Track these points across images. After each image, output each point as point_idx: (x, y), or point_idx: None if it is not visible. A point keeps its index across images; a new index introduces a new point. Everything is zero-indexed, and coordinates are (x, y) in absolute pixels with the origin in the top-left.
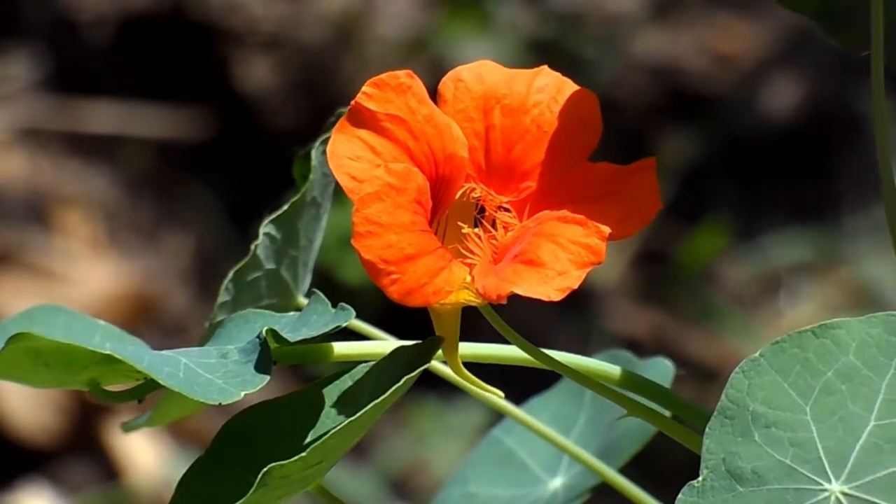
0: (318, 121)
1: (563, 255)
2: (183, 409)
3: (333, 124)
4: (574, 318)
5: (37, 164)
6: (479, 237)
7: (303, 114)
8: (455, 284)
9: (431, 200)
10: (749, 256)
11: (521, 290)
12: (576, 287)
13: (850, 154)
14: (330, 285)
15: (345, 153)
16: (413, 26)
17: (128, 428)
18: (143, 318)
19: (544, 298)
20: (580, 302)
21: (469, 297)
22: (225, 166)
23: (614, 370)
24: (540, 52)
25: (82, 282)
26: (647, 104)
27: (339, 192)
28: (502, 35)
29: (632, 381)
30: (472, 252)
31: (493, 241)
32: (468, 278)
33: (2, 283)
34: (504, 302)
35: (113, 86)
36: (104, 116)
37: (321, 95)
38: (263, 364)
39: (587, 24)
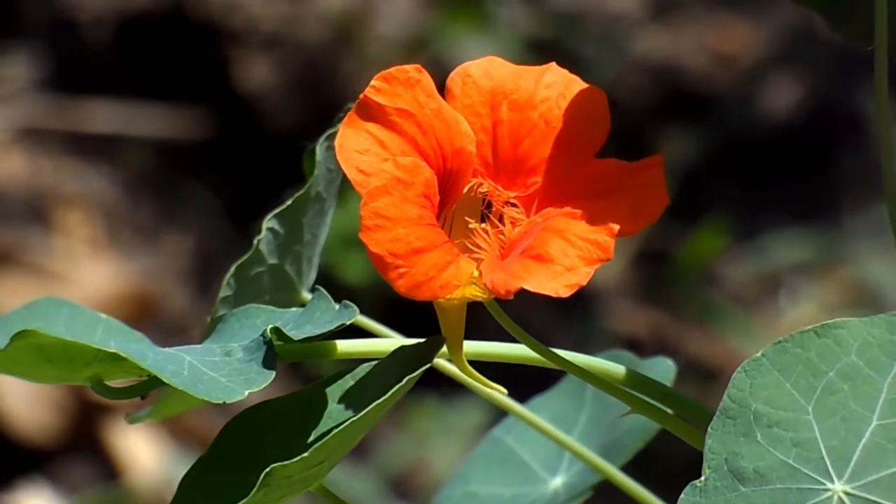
0: (318, 121)
1: (571, 250)
2: (186, 402)
3: (342, 120)
4: (574, 318)
5: (37, 164)
6: (487, 232)
7: (303, 114)
8: (462, 278)
9: (439, 195)
10: (749, 256)
11: (529, 286)
12: (584, 284)
13: (850, 154)
14: (331, 285)
15: (353, 147)
16: (413, 26)
17: (132, 420)
18: (143, 318)
19: (552, 294)
20: (580, 302)
21: (476, 293)
22: (225, 166)
23: (618, 369)
24: (540, 51)
25: (82, 282)
26: (647, 104)
27: (341, 190)
28: (502, 35)
29: (635, 379)
30: (479, 247)
31: (501, 236)
32: (475, 273)
33: (2, 283)
34: (511, 297)
35: (113, 86)
36: (104, 116)
37: (321, 95)
38: (268, 362)
39: (587, 23)
